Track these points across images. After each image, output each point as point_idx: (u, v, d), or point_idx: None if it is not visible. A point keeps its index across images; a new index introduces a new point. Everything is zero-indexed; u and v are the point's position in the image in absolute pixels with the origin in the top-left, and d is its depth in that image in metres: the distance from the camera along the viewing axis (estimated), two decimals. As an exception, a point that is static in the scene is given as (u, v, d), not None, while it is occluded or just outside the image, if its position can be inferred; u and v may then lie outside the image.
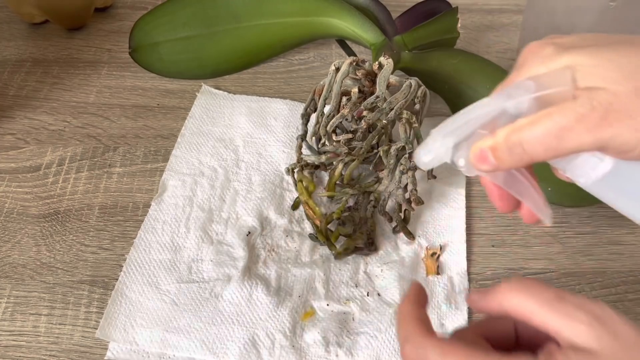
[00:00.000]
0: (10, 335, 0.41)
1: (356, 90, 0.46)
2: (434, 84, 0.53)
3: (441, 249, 0.46)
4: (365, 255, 0.45)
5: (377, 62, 0.47)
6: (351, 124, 0.46)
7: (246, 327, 0.41)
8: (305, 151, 0.50)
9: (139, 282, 0.43)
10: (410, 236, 0.46)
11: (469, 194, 0.50)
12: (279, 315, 0.41)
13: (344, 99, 0.47)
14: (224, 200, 0.48)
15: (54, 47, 0.64)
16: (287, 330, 0.40)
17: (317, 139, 0.48)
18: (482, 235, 0.47)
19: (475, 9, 0.70)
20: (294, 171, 0.48)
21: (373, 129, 0.46)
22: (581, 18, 0.52)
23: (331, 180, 0.47)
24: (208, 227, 0.46)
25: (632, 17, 0.51)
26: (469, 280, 0.44)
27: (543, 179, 0.31)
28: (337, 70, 0.46)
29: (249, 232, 0.46)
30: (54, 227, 0.47)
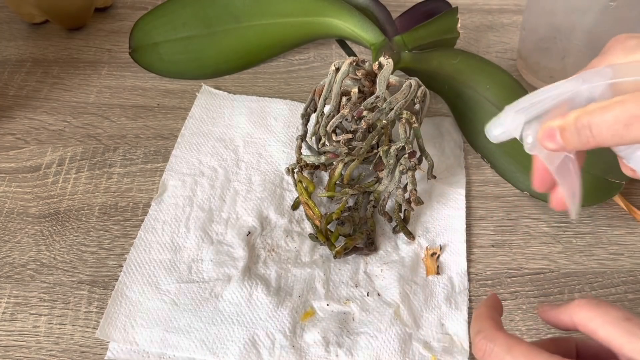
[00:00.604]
0: (10, 335, 0.41)
1: (356, 90, 0.46)
2: (434, 84, 0.53)
3: (441, 249, 0.46)
4: (365, 255, 0.45)
5: (377, 62, 0.47)
6: (351, 124, 0.46)
7: (246, 327, 0.41)
8: (305, 151, 0.50)
9: (139, 282, 0.43)
10: (410, 236, 0.46)
11: (469, 194, 0.50)
12: (279, 315, 0.41)
13: (344, 99, 0.47)
14: (224, 200, 0.48)
15: (54, 47, 0.64)
16: (287, 330, 0.40)
17: (317, 139, 0.48)
18: (482, 235, 0.47)
19: (475, 9, 0.70)
20: (294, 171, 0.48)
21: (373, 129, 0.46)
22: (581, 18, 0.53)
23: (331, 181, 0.47)
24: (208, 227, 0.46)
25: (632, 17, 0.51)
26: (469, 280, 0.44)
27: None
28: (337, 70, 0.46)
29: (249, 232, 0.46)
30: (54, 227, 0.47)
